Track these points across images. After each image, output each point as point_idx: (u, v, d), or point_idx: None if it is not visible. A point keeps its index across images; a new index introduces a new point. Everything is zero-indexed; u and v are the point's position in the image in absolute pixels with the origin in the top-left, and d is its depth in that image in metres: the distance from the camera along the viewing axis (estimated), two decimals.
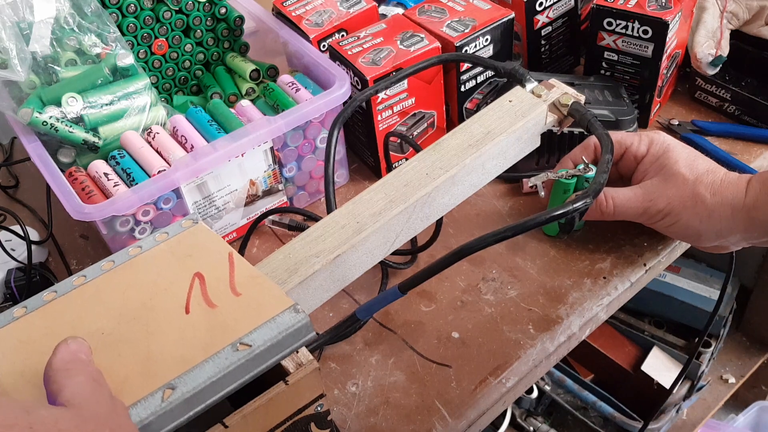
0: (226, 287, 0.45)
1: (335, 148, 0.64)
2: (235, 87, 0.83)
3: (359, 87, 0.73)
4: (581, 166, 0.66)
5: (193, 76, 0.85)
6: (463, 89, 0.79)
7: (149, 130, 0.72)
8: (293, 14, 0.81)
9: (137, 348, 0.42)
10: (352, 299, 0.69)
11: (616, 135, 0.67)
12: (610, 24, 0.77)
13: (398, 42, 0.74)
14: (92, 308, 0.45)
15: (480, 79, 0.80)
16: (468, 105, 0.80)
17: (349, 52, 0.74)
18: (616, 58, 0.79)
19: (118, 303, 0.45)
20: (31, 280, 0.72)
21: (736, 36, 0.83)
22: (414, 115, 0.77)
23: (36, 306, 0.46)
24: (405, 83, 0.74)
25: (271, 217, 0.75)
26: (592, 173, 0.66)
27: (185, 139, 0.71)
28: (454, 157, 0.59)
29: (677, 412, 1.29)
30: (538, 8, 0.82)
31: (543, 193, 0.65)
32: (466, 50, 0.76)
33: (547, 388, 1.27)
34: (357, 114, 0.77)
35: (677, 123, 0.83)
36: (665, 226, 0.65)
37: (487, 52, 0.78)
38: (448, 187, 0.58)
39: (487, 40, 0.77)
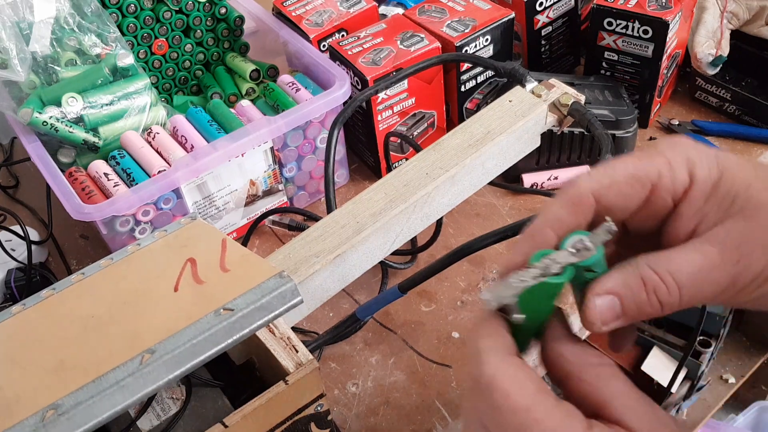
0: (216, 266, 0.45)
1: (335, 148, 0.64)
2: (235, 87, 0.83)
3: (359, 87, 0.73)
4: (570, 243, 0.33)
5: (193, 76, 0.85)
6: (463, 89, 0.79)
7: (149, 130, 0.72)
8: (293, 14, 0.81)
9: (126, 327, 0.42)
10: (352, 299, 0.69)
11: (627, 167, 0.36)
12: (610, 24, 0.77)
13: (398, 42, 0.74)
14: (86, 299, 0.45)
15: (480, 79, 0.80)
16: (468, 105, 0.80)
17: (349, 52, 0.74)
18: (616, 58, 0.79)
19: (111, 292, 0.45)
20: (31, 280, 0.72)
21: (736, 36, 0.83)
22: (414, 115, 0.77)
23: (33, 303, 0.46)
24: (405, 83, 0.74)
25: (271, 217, 0.75)
26: (594, 255, 0.33)
27: (185, 139, 0.71)
28: (454, 157, 0.59)
29: (677, 412, 1.28)
30: (538, 8, 0.82)
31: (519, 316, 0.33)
32: (466, 50, 0.76)
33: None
34: (357, 114, 0.77)
35: (677, 123, 0.83)
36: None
37: (487, 52, 0.78)
38: (448, 186, 0.58)
39: (487, 40, 0.77)
